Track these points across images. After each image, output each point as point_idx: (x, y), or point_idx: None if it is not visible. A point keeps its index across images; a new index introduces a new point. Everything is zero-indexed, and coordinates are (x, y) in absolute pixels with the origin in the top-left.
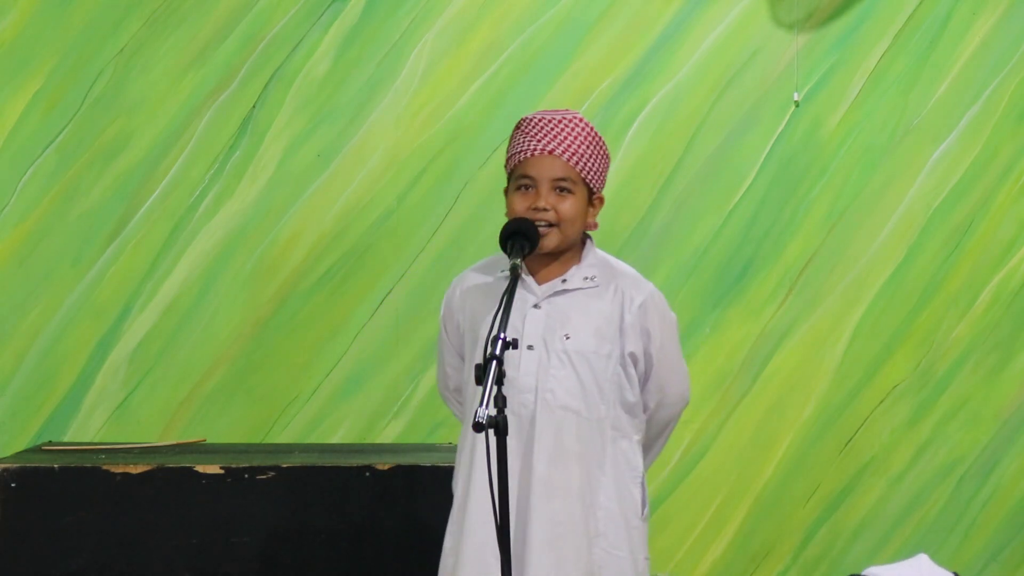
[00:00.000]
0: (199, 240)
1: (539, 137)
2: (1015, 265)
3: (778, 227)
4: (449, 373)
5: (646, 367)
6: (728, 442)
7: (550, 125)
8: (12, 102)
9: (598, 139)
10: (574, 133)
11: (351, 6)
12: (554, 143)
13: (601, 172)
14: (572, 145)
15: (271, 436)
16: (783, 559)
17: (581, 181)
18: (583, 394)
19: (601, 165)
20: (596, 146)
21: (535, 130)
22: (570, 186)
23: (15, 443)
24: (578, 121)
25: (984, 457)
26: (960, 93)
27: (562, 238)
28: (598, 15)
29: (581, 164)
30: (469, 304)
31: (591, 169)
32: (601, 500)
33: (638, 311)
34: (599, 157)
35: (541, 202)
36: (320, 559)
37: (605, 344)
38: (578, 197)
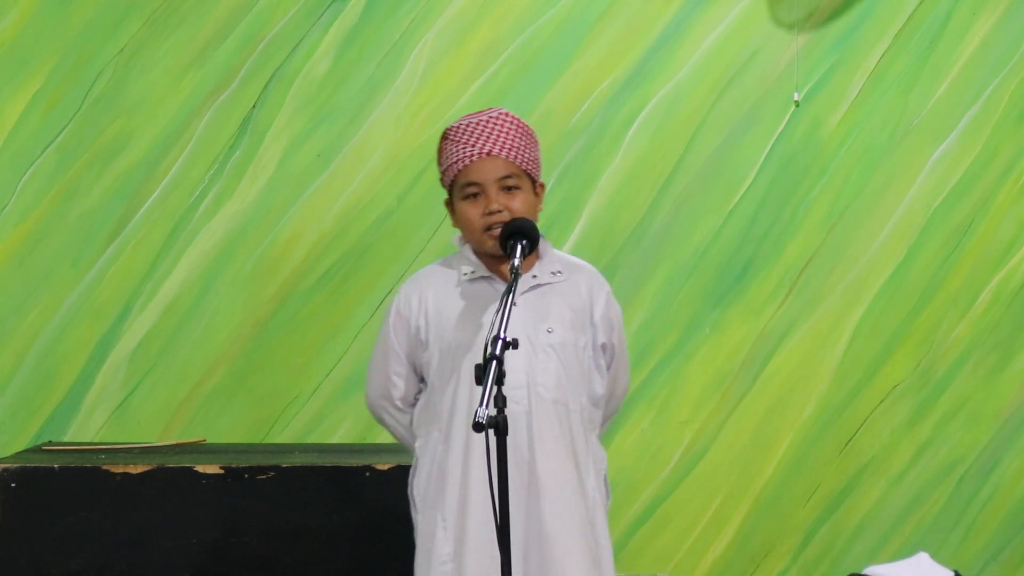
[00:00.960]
0: (199, 240)
1: (473, 142)
2: (1015, 265)
3: (778, 227)
4: (395, 382)
5: (610, 358)
6: (728, 442)
7: (480, 127)
8: (12, 102)
9: (526, 128)
10: (505, 129)
11: (351, 6)
12: (490, 143)
13: (537, 160)
14: (508, 141)
15: (271, 436)
16: (783, 559)
17: (524, 174)
18: (569, 386)
19: (535, 153)
20: (527, 136)
21: (467, 136)
22: (516, 182)
23: (15, 443)
24: (505, 116)
25: (984, 457)
26: (960, 93)
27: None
28: (598, 15)
29: (520, 157)
30: (433, 308)
31: (529, 159)
32: (590, 490)
33: (604, 304)
34: (532, 146)
35: (493, 204)
36: (320, 559)
37: (581, 336)
38: (525, 191)
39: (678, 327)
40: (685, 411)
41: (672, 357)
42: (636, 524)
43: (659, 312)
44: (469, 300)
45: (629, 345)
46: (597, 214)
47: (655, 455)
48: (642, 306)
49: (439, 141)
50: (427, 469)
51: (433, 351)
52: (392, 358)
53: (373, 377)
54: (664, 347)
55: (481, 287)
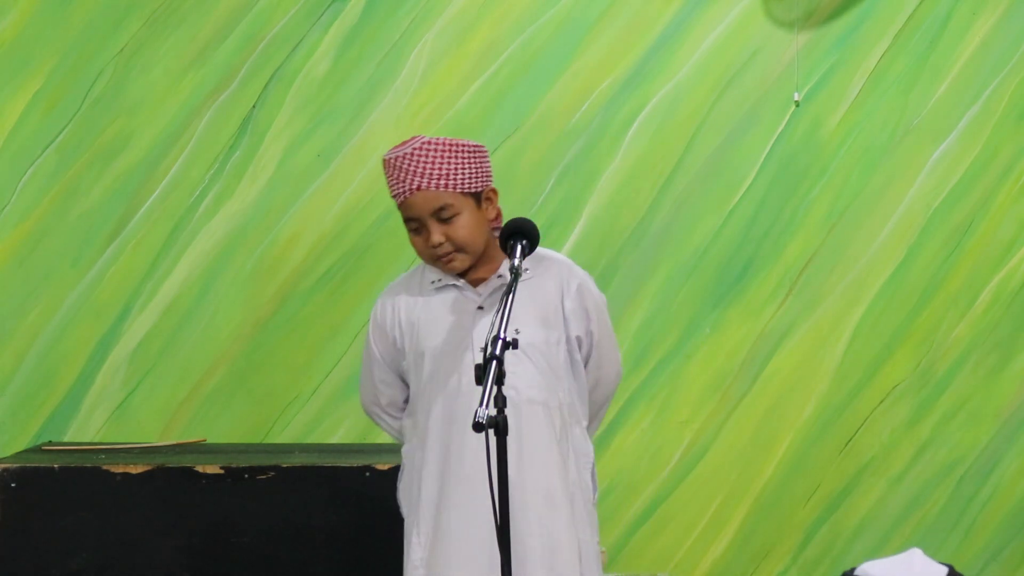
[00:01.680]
0: (199, 240)
1: (401, 179)
2: (1015, 265)
3: (778, 227)
4: (381, 389)
5: (587, 349)
6: (728, 442)
7: (404, 163)
8: (12, 102)
9: (455, 148)
10: (428, 159)
11: (351, 6)
12: (417, 178)
13: (473, 174)
14: (433, 170)
15: (271, 436)
16: (783, 559)
17: (460, 196)
18: (544, 384)
19: (470, 168)
20: (456, 155)
21: (397, 171)
22: (451, 210)
23: (15, 443)
24: (426, 145)
25: (984, 457)
26: (960, 93)
27: (471, 256)
28: (598, 15)
29: (451, 182)
30: (405, 318)
31: (461, 179)
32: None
33: (576, 294)
34: (465, 163)
35: (433, 238)
36: (320, 559)
37: (553, 332)
38: (465, 212)
39: (678, 327)
40: (685, 411)
41: (672, 357)
42: (636, 524)
43: (659, 312)
44: (437, 307)
45: (629, 346)
46: (597, 214)
47: (655, 455)
48: (642, 306)
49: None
50: (407, 474)
51: (409, 359)
52: (375, 366)
53: (363, 384)
54: (664, 347)
55: (449, 294)
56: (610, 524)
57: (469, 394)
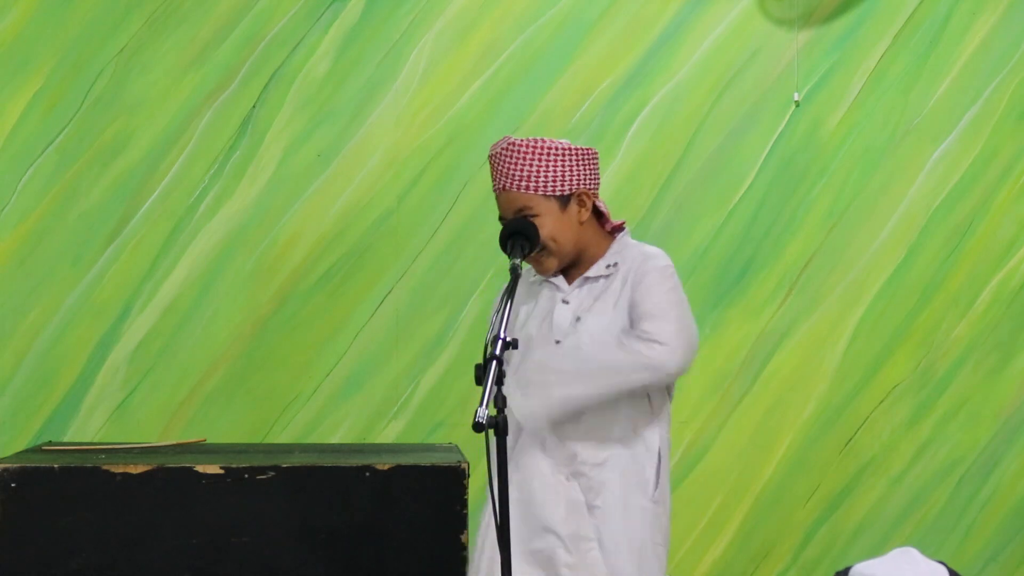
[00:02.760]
0: (199, 240)
1: (494, 176)
2: (1015, 265)
3: (778, 227)
4: None
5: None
6: (728, 442)
7: (493, 163)
8: (12, 102)
9: (541, 149)
10: (513, 159)
11: (351, 6)
12: (502, 179)
13: (561, 175)
14: (515, 172)
15: (271, 436)
16: (783, 559)
17: (542, 199)
18: None
19: (557, 169)
20: (540, 157)
21: (491, 168)
22: (532, 211)
23: (15, 443)
24: (512, 146)
25: (984, 457)
26: (960, 93)
27: (557, 257)
28: (598, 15)
29: (532, 185)
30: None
31: (546, 182)
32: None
33: (641, 274)
34: (550, 164)
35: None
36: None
37: (618, 320)
38: (547, 215)
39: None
40: (685, 411)
41: None
42: None
43: None
44: (534, 300)
45: None
46: None
47: None
48: None
49: None
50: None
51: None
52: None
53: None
54: None
55: (545, 287)
56: None
57: None
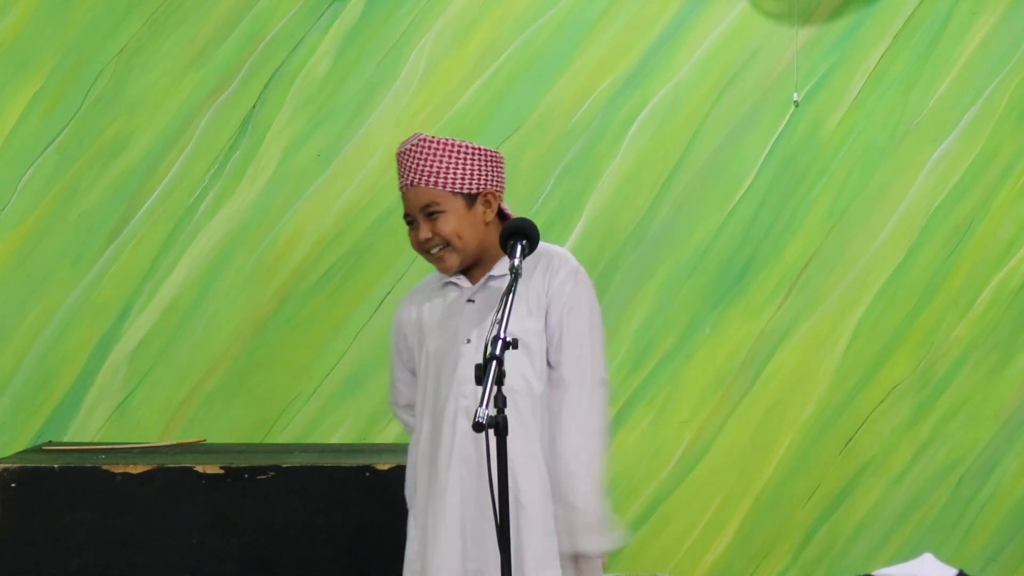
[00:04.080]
0: (199, 240)
1: (401, 172)
2: (1015, 265)
3: (778, 227)
4: (400, 389)
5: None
6: (728, 442)
7: (403, 157)
8: (12, 102)
9: (452, 147)
10: (423, 156)
11: (351, 6)
12: (410, 175)
13: (469, 174)
14: (424, 167)
15: (271, 436)
16: (783, 559)
17: (449, 195)
18: (523, 373)
19: (466, 168)
20: (450, 155)
21: (399, 166)
22: (438, 208)
23: (15, 443)
24: (421, 143)
25: (984, 457)
26: (960, 93)
27: (460, 254)
28: (598, 15)
29: (440, 181)
30: (415, 320)
31: (454, 179)
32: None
33: (560, 282)
34: (459, 163)
35: (421, 234)
36: (320, 559)
37: (532, 321)
38: (452, 212)
39: (678, 327)
40: (685, 411)
41: (672, 357)
42: (636, 524)
43: (659, 312)
44: (439, 304)
45: (629, 346)
46: (597, 214)
47: (655, 455)
48: (642, 306)
49: None
50: (408, 468)
51: (417, 356)
52: (396, 365)
53: (390, 384)
54: (664, 347)
55: (449, 292)
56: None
57: (452, 386)
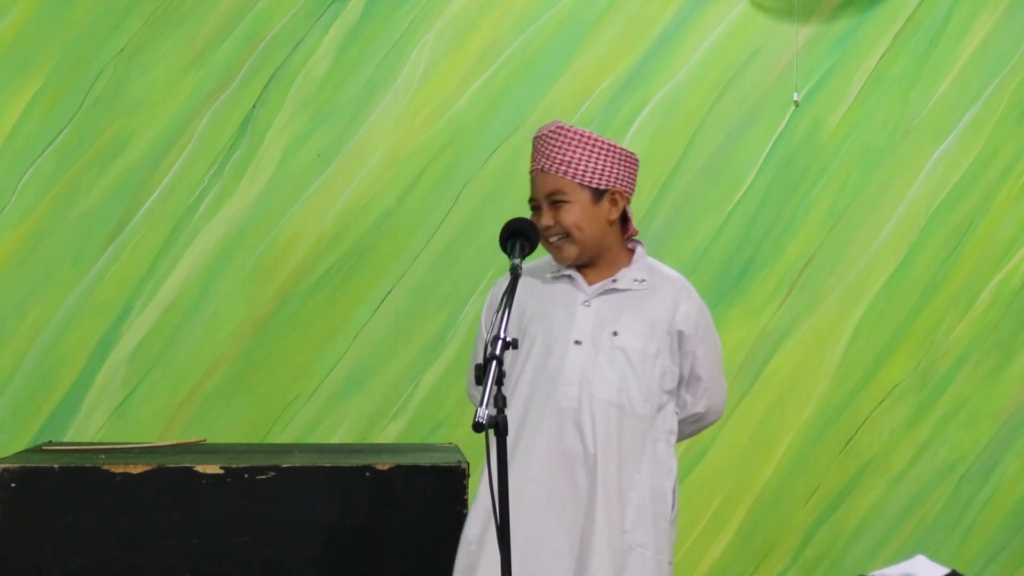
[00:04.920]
0: (199, 240)
1: (534, 157)
2: (1015, 265)
3: (778, 227)
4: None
5: (689, 374)
6: (728, 442)
7: (536, 144)
8: (12, 102)
9: (588, 140)
10: (558, 143)
11: (351, 6)
12: (541, 160)
13: (601, 169)
14: (557, 155)
15: (271, 436)
16: (783, 559)
17: (577, 187)
18: (627, 391)
19: (599, 163)
20: (585, 147)
21: (533, 150)
22: (564, 196)
23: (15, 443)
24: (558, 130)
25: (984, 457)
26: (960, 93)
27: (579, 247)
28: (598, 15)
29: (571, 170)
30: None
31: (584, 171)
32: (633, 497)
33: (686, 316)
34: (592, 156)
35: (543, 220)
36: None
37: (652, 344)
38: (577, 203)
39: None
40: None
41: None
42: None
43: None
44: (548, 296)
45: None
46: None
47: None
48: None
49: None
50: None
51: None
52: (480, 347)
53: (469, 368)
54: None
55: (562, 285)
56: None
57: (551, 380)
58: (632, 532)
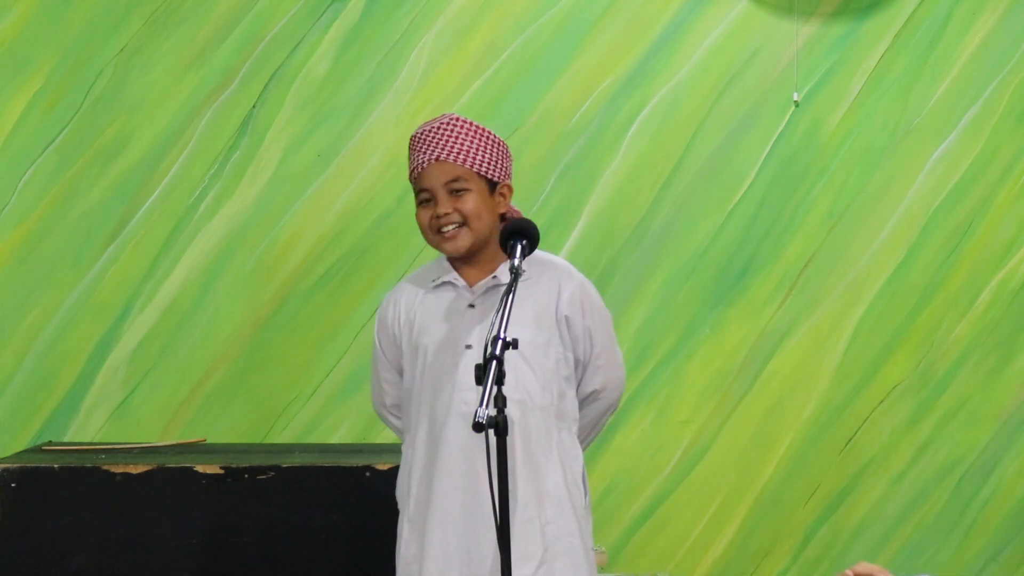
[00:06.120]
0: (199, 240)
1: (424, 149)
2: (1015, 265)
3: (778, 227)
4: (386, 389)
5: (584, 355)
6: (728, 442)
7: (431, 134)
8: (12, 102)
9: (483, 132)
10: (454, 134)
11: (351, 6)
12: (438, 149)
13: (495, 162)
14: (456, 145)
15: (271, 436)
16: (783, 559)
17: (475, 176)
18: (524, 384)
19: (493, 155)
20: (482, 139)
21: (420, 144)
22: (464, 185)
23: (15, 443)
24: (455, 122)
25: (984, 457)
26: (960, 93)
27: (474, 235)
28: (598, 15)
29: (470, 160)
30: (404, 317)
31: (482, 161)
32: (549, 487)
33: (570, 299)
34: (488, 148)
35: (440, 209)
36: (320, 559)
37: (542, 333)
38: (476, 192)
39: (678, 327)
40: (685, 411)
41: (672, 357)
42: (636, 524)
43: (659, 312)
44: (434, 305)
45: (629, 346)
46: (597, 214)
47: (655, 455)
48: (642, 306)
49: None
50: (402, 470)
51: (406, 355)
52: (380, 365)
53: (372, 385)
54: (664, 347)
55: (446, 292)
56: (610, 524)
57: (453, 391)
58: (555, 522)
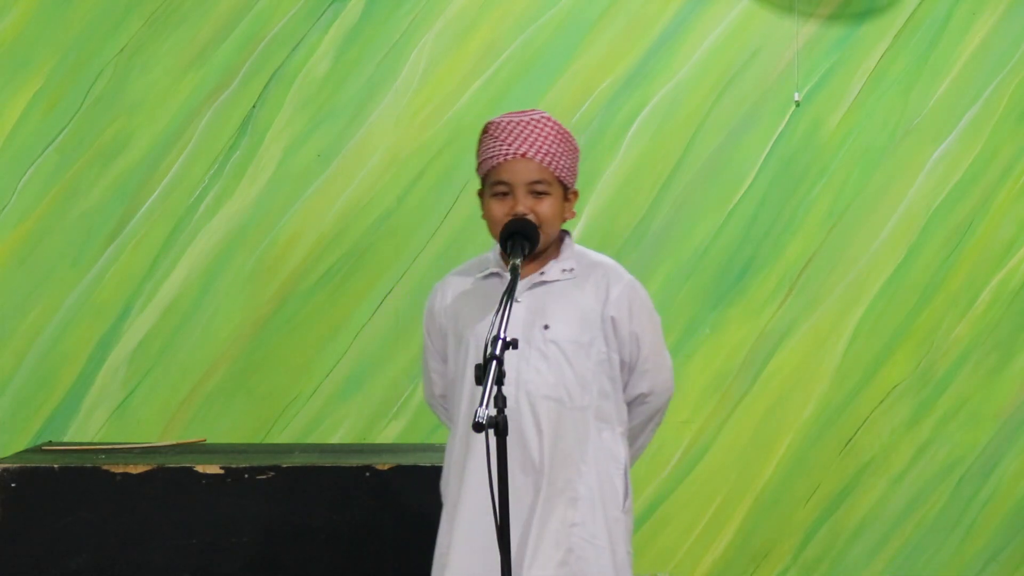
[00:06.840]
0: (199, 240)
1: (509, 141)
2: (1015, 265)
3: (778, 227)
4: (434, 379)
5: (630, 357)
6: (728, 442)
7: (519, 128)
8: (12, 102)
9: (566, 135)
10: (544, 133)
11: (351, 6)
12: (525, 145)
13: (573, 168)
14: (544, 146)
15: (271, 436)
16: (783, 559)
17: (556, 181)
18: (564, 383)
19: (572, 161)
20: (565, 143)
21: (504, 134)
22: (546, 188)
23: (15, 443)
24: (546, 121)
25: (984, 457)
26: (960, 93)
27: (544, 240)
28: (598, 15)
29: (554, 164)
30: (451, 307)
31: (563, 167)
32: (581, 490)
33: (617, 300)
34: (569, 153)
35: (519, 207)
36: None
37: (586, 333)
38: (554, 197)
39: (678, 327)
40: (685, 411)
41: (672, 357)
42: (636, 524)
43: (659, 312)
44: (479, 295)
45: None
46: (597, 214)
47: (655, 455)
48: None
49: (480, 133)
50: (445, 464)
51: (451, 346)
52: (429, 355)
53: (423, 376)
54: None
55: (492, 282)
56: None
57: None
58: (582, 525)
